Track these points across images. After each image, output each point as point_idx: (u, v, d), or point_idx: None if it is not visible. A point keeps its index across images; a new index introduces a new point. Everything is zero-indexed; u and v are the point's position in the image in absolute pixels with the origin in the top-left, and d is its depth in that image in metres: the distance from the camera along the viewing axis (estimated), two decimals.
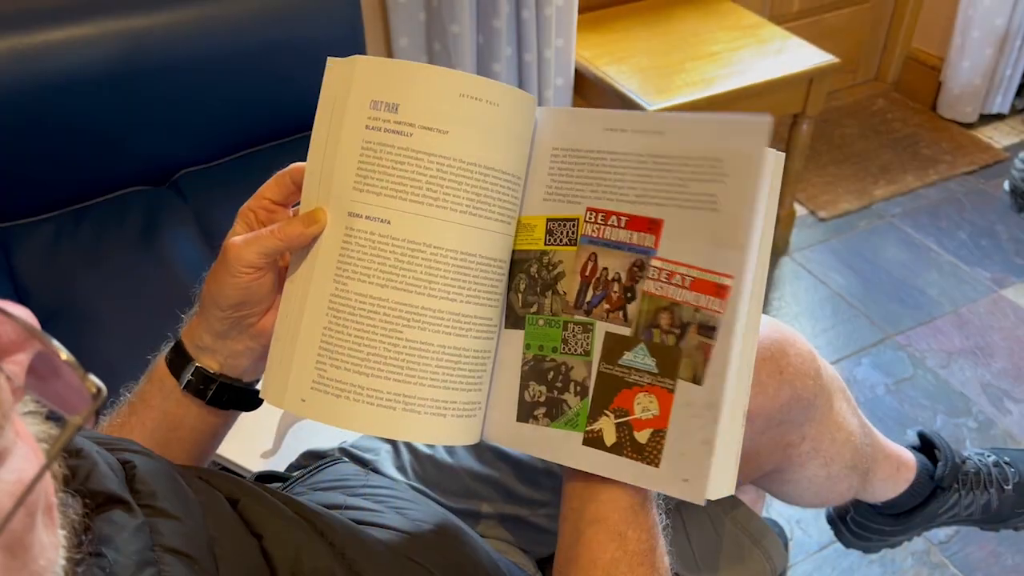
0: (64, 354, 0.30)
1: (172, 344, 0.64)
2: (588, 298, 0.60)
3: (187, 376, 0.62)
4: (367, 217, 0.58)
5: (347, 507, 0.64)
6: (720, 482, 0.57)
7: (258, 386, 0.65)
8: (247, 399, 0.65)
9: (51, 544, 0.35)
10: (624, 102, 1.69)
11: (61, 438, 0.30)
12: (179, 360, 0.63)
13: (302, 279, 0.60)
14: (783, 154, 0.59)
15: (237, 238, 0.59)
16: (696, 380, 0.57)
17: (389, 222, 0.58)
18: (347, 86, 0.59)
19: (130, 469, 0.52)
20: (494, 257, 0.60)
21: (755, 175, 0.56)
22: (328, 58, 0.61)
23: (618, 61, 1.79)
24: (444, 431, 0.60)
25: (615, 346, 0.59)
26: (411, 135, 0.58)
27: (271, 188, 0.62)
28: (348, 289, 0.58)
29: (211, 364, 0.63)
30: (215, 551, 0.50)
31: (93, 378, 0.30)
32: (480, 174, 0.59)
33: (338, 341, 0.58)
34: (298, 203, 0.62)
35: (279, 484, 0.72)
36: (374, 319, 0.58)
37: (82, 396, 0.30)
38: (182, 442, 0.65)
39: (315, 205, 0.59)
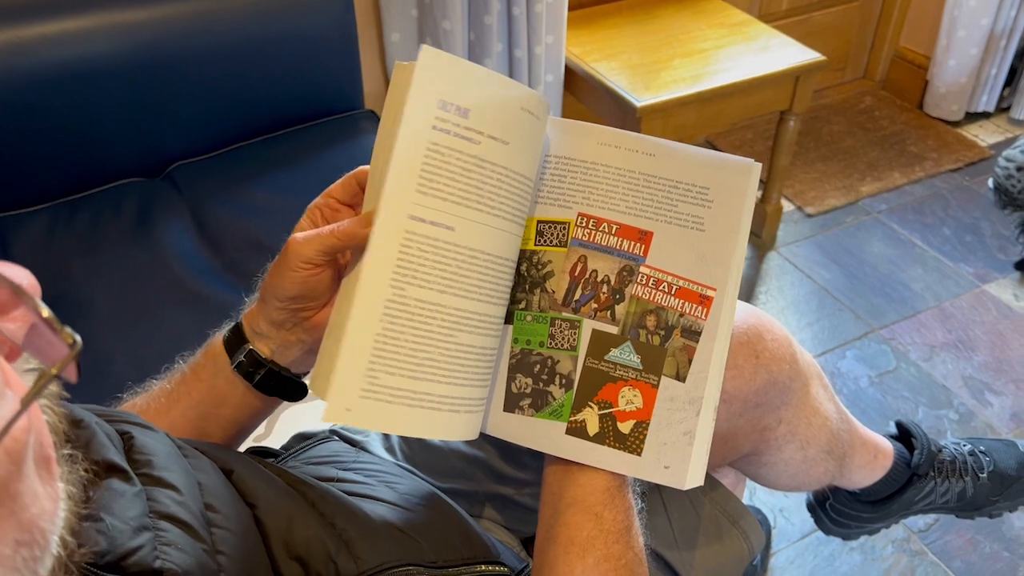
0: (45, 311, 0.32)
1: (233, 324, 0.67)
2: (576, 297, 0.64)
3: (239, 357, 0.65)
4: (431, 222, 0.57)
5: (339, 480, 0.66)
6: (695, 472, 0.61)
7: (306, 379, 0.67)
8: (293, 389, 0.68)
9: (47, 495, 0.36)
10: (613, 98, 1.72)
11: (37, 384, 0.32)
12: (235, 340, 0.66)
13: (356, 279, 0.58)
14: (759, 164, 0.64)
15: (299, 234, 0.61)
16: (679, 377, 0.62)
17: (453, 229, 0.57)
18: (409, 80, 0.57)
19: (128, 440, 0.54)
20: (513, 259, 0.63)
21: (740, 208, 0.62)
22: (396, 62, 0.61)
23: (608, 58, 1.82)
24: (471, 427, 0.61)
25: (602, 343, 0.63)
26: (480, 143, 0.58)
27: (337, 188, 0.64)
28: (406, 294, 0.56)
29: (264, 349, 0.65)
30: (210, 519, 0.52)
31: (69, 330, 0.32)
32: (521, 183, 0.61)
33: (393, 347, 0.56)
34: None
35: (272, 459, 0.75)
36: (431, 324, 0.57)
37: (62, 349, 0.32)
38: (221, 419, 0.67)
39: (375, 206, 0.58)
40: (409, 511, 0.64)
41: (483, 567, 0.63)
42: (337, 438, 0.82)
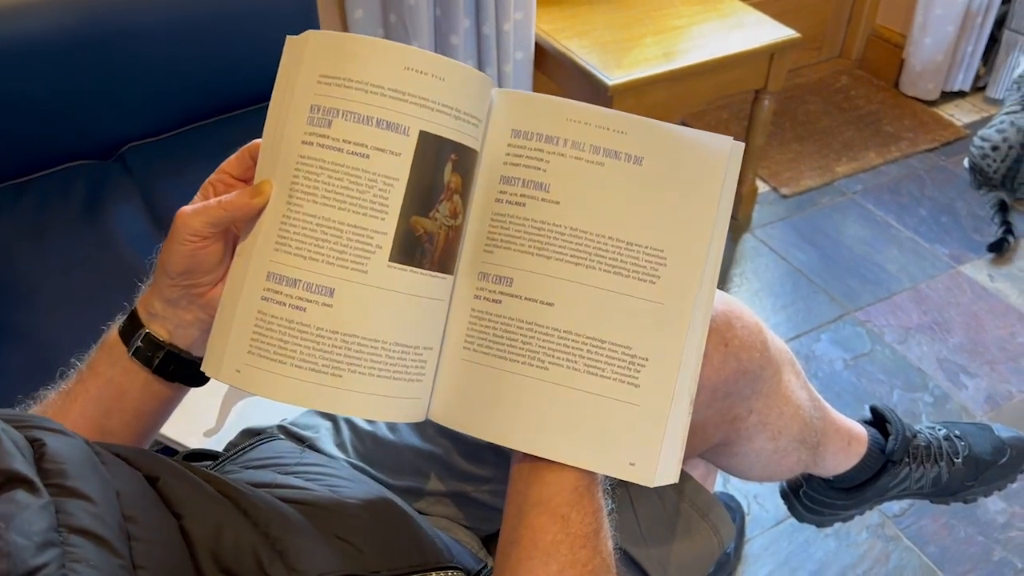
0: None
1: (127, 312, 0.64)
2: None
3: (136, 342, 0.62)
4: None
5: (277, 485, 0.62)
6: (666, 468, 0.58)
7: None
8: (194, 374, 0.64)
9: None
10: (584, 76, 1.67)
11: None
12: (131, 326, 0.63)
13: (246, 250, 0.59)
14: (742, 144, 0.61)
15: (187, 207, 0.59)
16: None
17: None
18: (299, 62, 0.59)
19: (39, 447, 0.49)
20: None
21: (717, 190, 0.59)
22: (287, 37, 0.61)
23: (579, 35, 1.77)
24: (400, 404, 0.59)
25: None
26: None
27: (231, 163, 0.62)
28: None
29: (161, 332, 0.63)
30: (129, 532, 0.48)
31: None
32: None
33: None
34: None
35: (210, 462, 0.70)
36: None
37: None
38: (124, 413, 0.63)
39: (265, 178, 0.59)
40: (352, 517, 0.60)
41: (434, 574, 0.60)
42: (284, 436, 0.78)
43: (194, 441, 0.94)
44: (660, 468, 0.58)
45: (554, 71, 1.82)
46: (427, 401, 0.61)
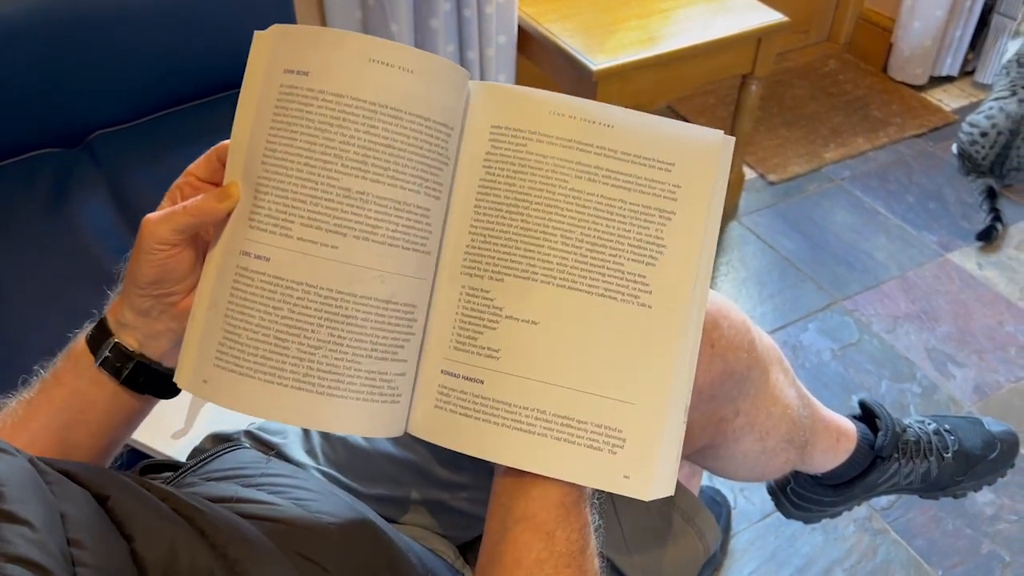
0: None
1: (96, 321, 0.61)
2: None
3: (104, 352, 0.59)
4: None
5: (239, 499, 0.59)
6: (662, 480, 0.55)
7: None
8: (165, 385, 0.61)
9: None
10: (568, 61, 1.63)
11: None
12: (100, 336, 0.60)
13: (214, 257, 0.57)
14: (732, 139, 0.58)
15: (153, 214, 0.56)
16: None
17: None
18: (265, 56, 0.56)
19: None
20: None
21: (709, 187, 0.56)
22: (255, 32, 0.58)
23: (563, 18, 1.73)
24: (376, 418, 0.55)
25: None
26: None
27: (198, 165, 0.60)
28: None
29: (131, 342, 0.59)
30: (75, 557, 0.45)
31: None
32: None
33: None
34: None
35: (170, 474, 0.67)
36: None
37: None
38: (89, 425, 0.60)
39: (232, 179, 0.57)
40: (319, 534, 0.57)
41: None
42: (250, 443, 0.75)
43: (161, 443, 0.91)
44: (656, 480, 0.55)
45: (538, 56, 1.78)
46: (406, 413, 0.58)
